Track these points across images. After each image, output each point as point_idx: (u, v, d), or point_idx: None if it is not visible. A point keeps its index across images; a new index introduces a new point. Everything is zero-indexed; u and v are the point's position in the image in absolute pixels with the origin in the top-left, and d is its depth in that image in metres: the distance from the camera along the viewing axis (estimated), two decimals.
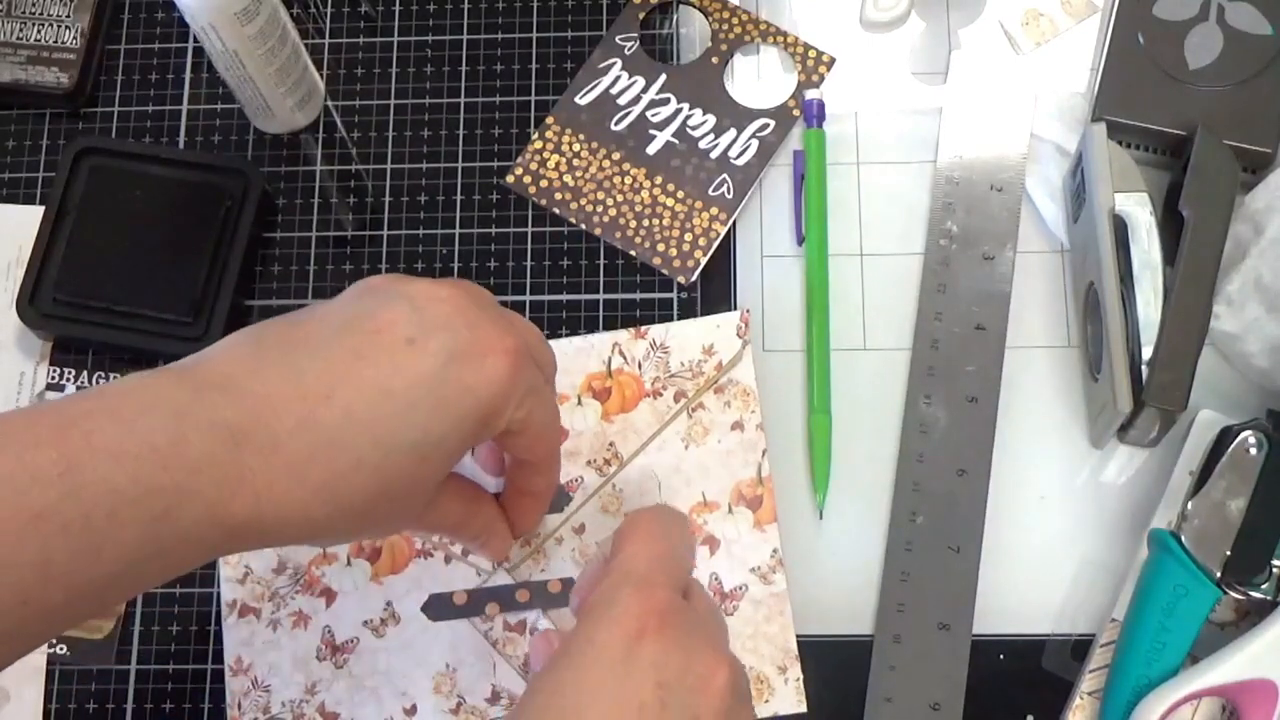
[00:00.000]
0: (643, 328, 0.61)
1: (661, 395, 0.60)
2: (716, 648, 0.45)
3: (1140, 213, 0.58)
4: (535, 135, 0.66)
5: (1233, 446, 0.54)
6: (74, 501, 0.40)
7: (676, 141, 0.65)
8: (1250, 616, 0.55)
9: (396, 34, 0.69)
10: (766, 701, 0.56)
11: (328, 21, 0.69)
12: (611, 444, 0.59)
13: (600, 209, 0.65)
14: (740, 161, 0.65)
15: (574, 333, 0.63)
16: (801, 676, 0.56)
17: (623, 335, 0.61)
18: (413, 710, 0.57)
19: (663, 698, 0.43)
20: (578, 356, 0.61)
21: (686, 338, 0.60)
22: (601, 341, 0.61)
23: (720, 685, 0.44)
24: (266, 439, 0.44)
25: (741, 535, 0.58)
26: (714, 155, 0.65)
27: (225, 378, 0.45)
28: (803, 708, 0.56)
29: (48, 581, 0.40)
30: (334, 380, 0.45)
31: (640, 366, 0.60)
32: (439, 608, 0.58)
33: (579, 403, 0.60)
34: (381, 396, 0.45)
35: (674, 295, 0.63)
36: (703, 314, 0.62)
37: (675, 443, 0.59)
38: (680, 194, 0.64)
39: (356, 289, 0.48)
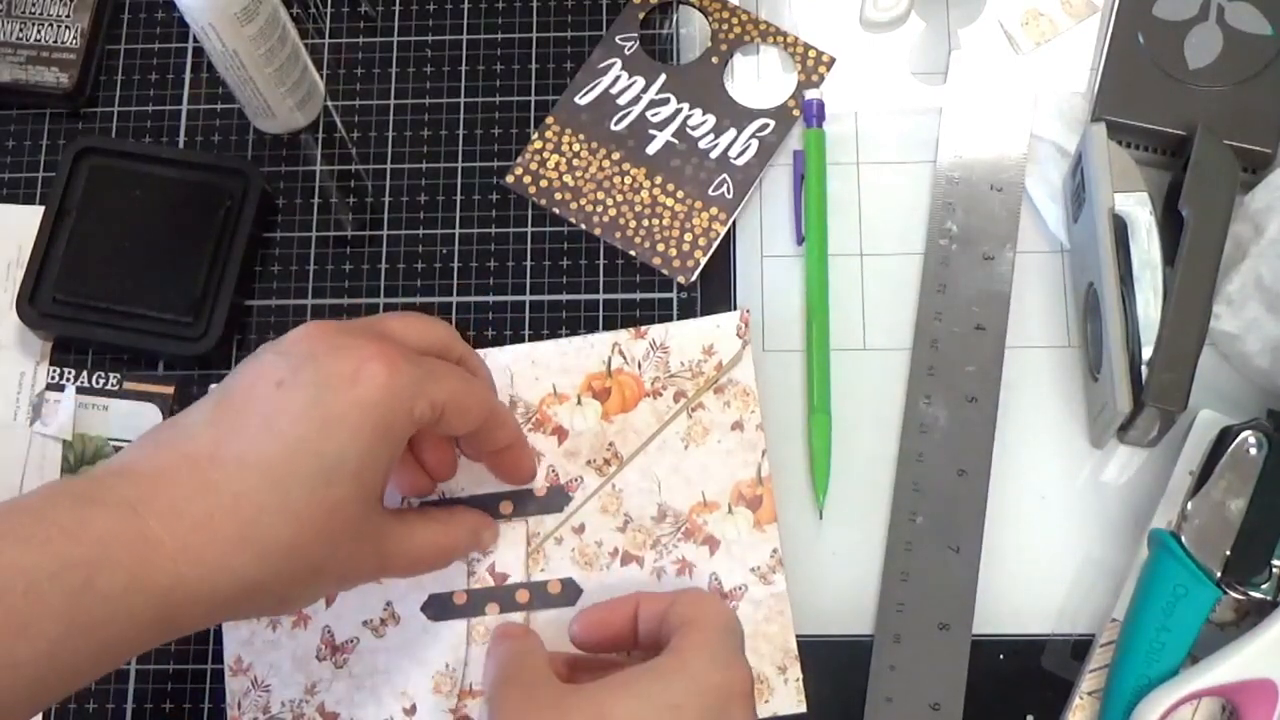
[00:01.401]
0: (643, 328, 0.61)
1: (661, 395, 0.60)
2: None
3: (1140, 213, 0.58)
4: (535, 135, 0.66)
5: (1233, 446, 0.54)
6: None
7: (676, 141, 0.65)
8: (1250, 616, 0.55)
9: (396, 34, 0.69)
10: (766, 702, 0.56)
11: (328, 21, 0.69)
12: (611, 444, 0.59)
13: (600, 209, 0.65)
14: (740, 161, 0.65)
15: (574, 333, 0.63)
16: (801, 677, 0.56)
17: (623, 335, 0.61)
18: (412, 710, 0.57)
19: None
20: (578, 356, 0.61)
21: (686, 338, 0.60)
22: (601, 341, 0.61)
23: None
24: (167, 506, 0.45)
25: (741, 535, 0.58)
26: (714, 155, 0.65)
27: (121, 465, 0.47)
28: (802, 708, 0.56)
29: None
30: (218, 441, 0.46)
31: (640, 366, 0.60)
32: (439, 608, 0.58)
33: (579, 403, 0.60)
34: (267, 440, 0.46)
35: (674, 295, 0.63)
36: (703, 314, 0.62)
37: (675, 443, 0.59)
38: (680, 194, 0.64)
39: (236, 368, 0.50)
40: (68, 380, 0.64)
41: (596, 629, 0.54)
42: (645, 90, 0.66)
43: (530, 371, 0.60)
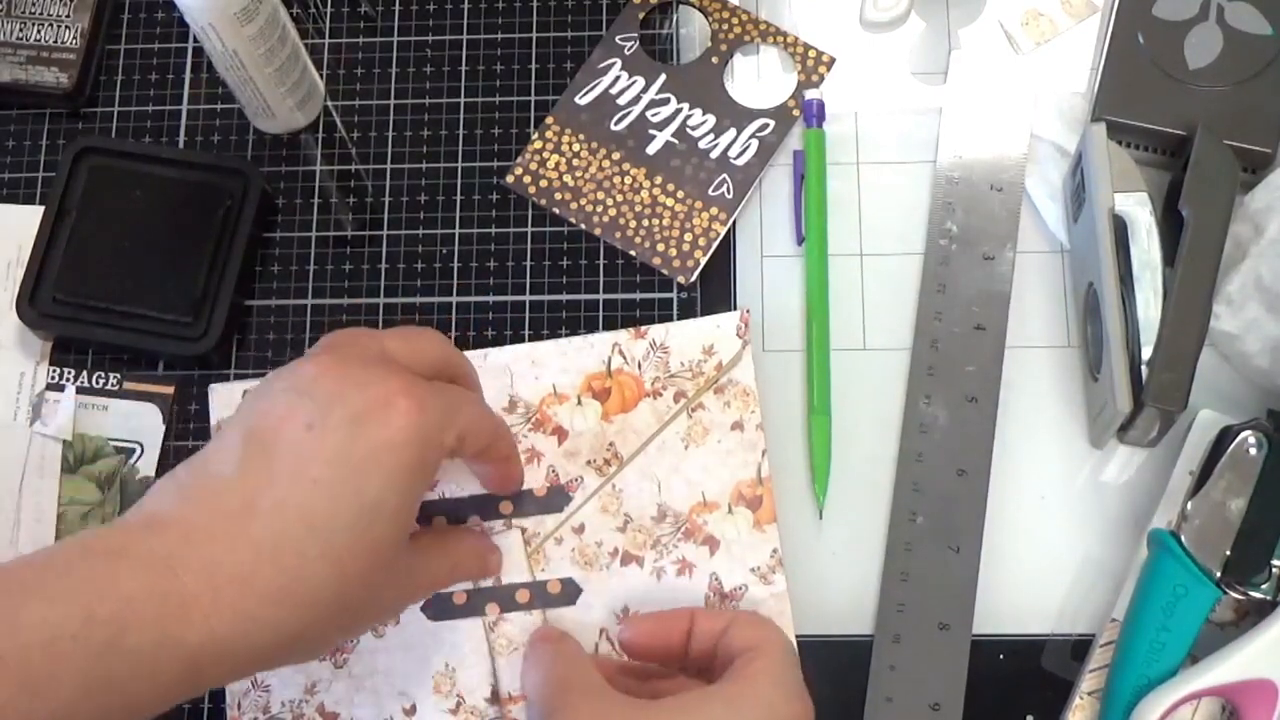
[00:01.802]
0: (642, 328, 0.61)
1: (661, 395, 0.60)
2: None
3: (1140, 213, 0.58)
4: (535, 135, 0.66)
5: (1233, 446, 0.54)
6: (9, 639, 0.40)
7: (676, 141, 0.65)
8: (1250, 616, 0.55)
9: (396, 34, 0.69)
10: None
11: (328, 21, 0.69)
12: (611, 444, 0.59)
13: (600, 209, 0.65)
14: (740, 161, 0.65)
15: (574, 333, 0.63)
16: (801, 676, 0.56)
17: (623, 335, 0.61)
18: (412, 710, 0.57)
19: None
20: (577, 356, 0.61)
21: (686, 338, 0.60)
22: (601, 341, 0.61)
23: None
24: (204, 561, 0.44)
25: (741, 535, 0.58)
26: (714, 155, 0.65)
27: (150, 517, 0.45)
28: None
29: None
30: (253, 490, 0.45)
31: (640, 366, 0.60)
32: (439, 608, 0.58)
33: (579, 403, 0.60)
34: (304, 486, 0.45)
35: (674, 295, 0.63)
36: (703, 314, 0.62)
37: (675, 443, 0.59)
38: (680, 194, 0.64)
39: (244, 405, 0.49)
40: (68, 380, 0.64)
41: (648, 638, 0.54)
42: (645, 90, 0.66)
43: (530, 371, 0.60)
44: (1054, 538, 0.59)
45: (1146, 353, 0.56)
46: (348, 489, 0.45)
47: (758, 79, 0.67)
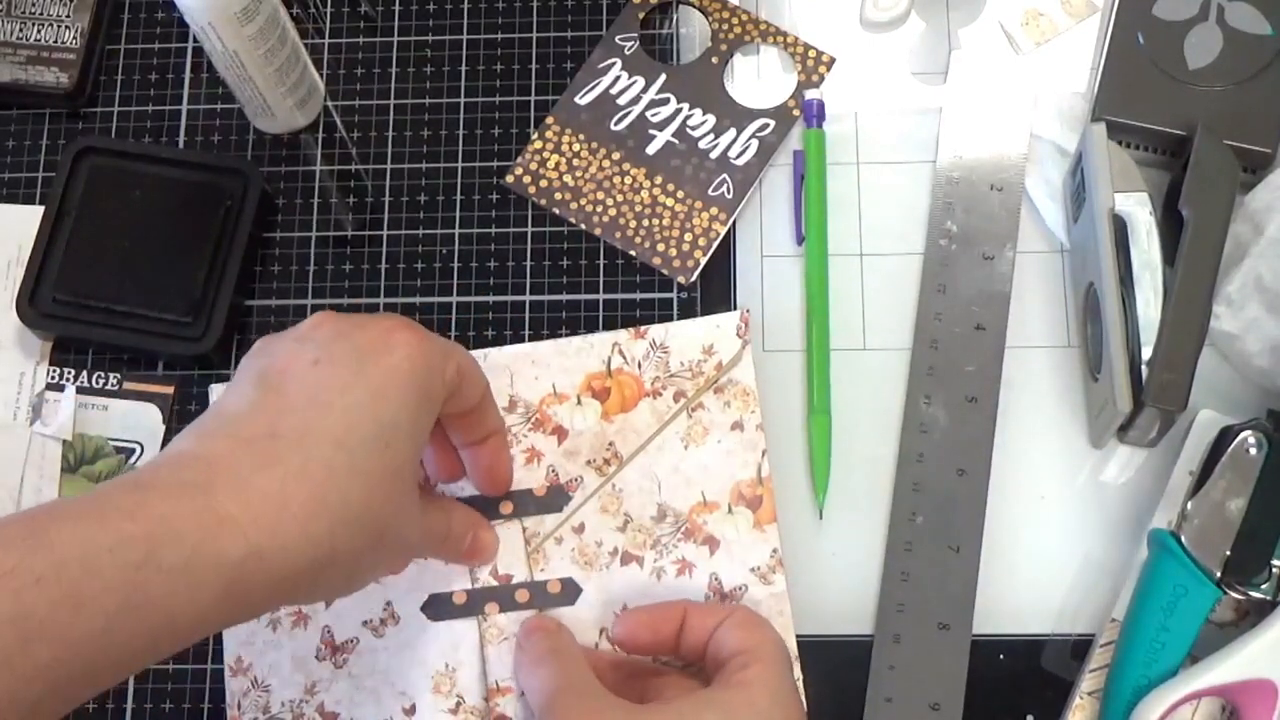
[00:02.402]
0: (642, 327, 0.61)
1: (661, 395, 0.60)
2: None
3: (1140, 213, 0.58)
4: (535, 135, 0.66)
5: (1233, 446, 0.54)
6: (44, 555, 0.40)
7: (676, 141, 0.65)
8: (1250, 616, 0.55)
9: (396, 34, 0.69)
10: None
11: (328, 21, 0.69)
12: (611, 444, 0.59)
13: (600, 209, 0.65)
14: (740, 161, 0.65)
15: (574, 333, 0.63)
16: (802, 676, 0.56)
17: (622, 335, 0.61)
18: (412, 710, 0.57)
19: None
20: (577, 356, 0.61)
21: (686, 337, 0.60)
22: (601, 341, 0.61)
23: None
24: (232, 481, 0.44)
25: (741, 535, 0.58)
26: (714, 155, 0.65)
27: (175, 455, 0.46)
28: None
29: (28, 639, 0.39)
30: (272, 420, 0.46)
31: (640, 366, 0.60)
32: (438, 608, 0.58)
33: (579, 402, 0.60)
34: (321, 411, 0.46)
35: (674, 295, 0.63)
36: (703, 314, 0.62)
37: (675, 443, 0.59)
38: (680, 194, 0.64)
39: (244, 363, 0.50)
40: (68, 380, 0.64)
41: (640, 631, 0.54)
42: (645, 90, 0.66)
43: (530, 371, 0.60)
44: (1054, 538, 0.59)
45: (1146, 353, 0.56)
46: (365, 411, 0.46)
47: (758, 79, 0.67)
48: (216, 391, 0.62)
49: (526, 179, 0.65)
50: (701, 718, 0.49)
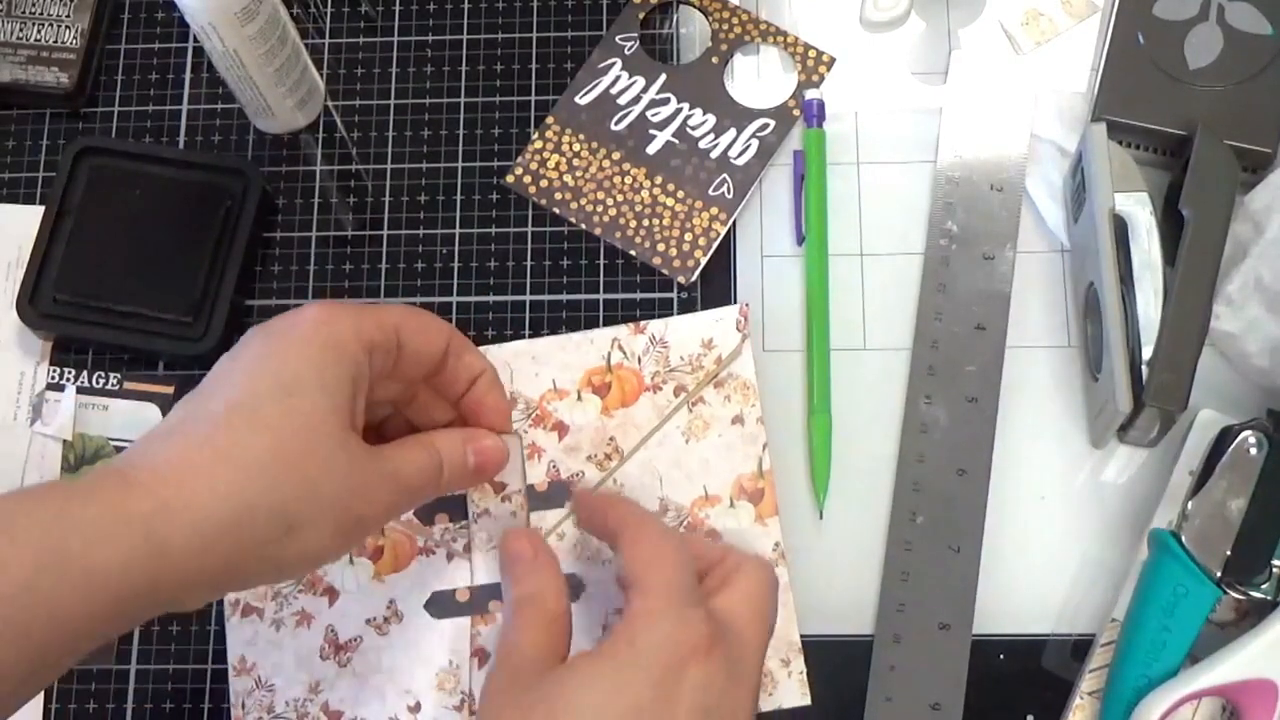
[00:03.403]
0: (642, 323, 0.61)
1: (661, 390, 0.60)
2: (752, 686, 0.49)
3: (1140, 213, 0.58)
4: (535, 135, 0.66)
5: (1233, 446, 0.54)
6: None
7: (676, 141, 0.65)
8: (1250, 616, 0.55)
9: (396, 34, 0.69)
10: (770, 694, 0.56)
11: (328, 21, 0.69)
12: (612, 439, 0.59)
13: (600, 209, 0.65)
14: (740, 161, 0.65)
15: (574, 332, 0.63)
16: (805, 669, 0.56)
17: (622, 330, 0.61)
18: (416, 708, 0.57)
19: None
20: (577, 352, 0.61)
21: (686, 332, 0.60)
22: (601, 337, 0.61)
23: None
24: (143, 458, 0.46)
25: (743, 529, 0.58)
26: (714, 155, 0.65)
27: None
28: (807, 700, 0.56)
29: None
30: (187, 411, 0.48)
31: (640, 361, 0.60)
32: (442, 605, 0.58)
33: (579, 398, 0.60)
34: (228, 381, 0.48)
35: (674, 295, 0.63)
36: None
37: (676, 437, 0.59)
38: (680, 194, 0.64)
39: None
40: (68, 380, 0.64)
41: (588, 519, 0.56)
42: (645, 90, 0.66)
43: (530, 367, 0.60)
44: (1054, 538, 0.59)
45: (1146, 353, 0.56)
46: (265, 369, 0.48)
47: (758, 79, 0.67)
48: None
49: (526, 179, 0.65)
50: (590, 676, 0.48)
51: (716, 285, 0.64)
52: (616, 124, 0.66)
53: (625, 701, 0.46)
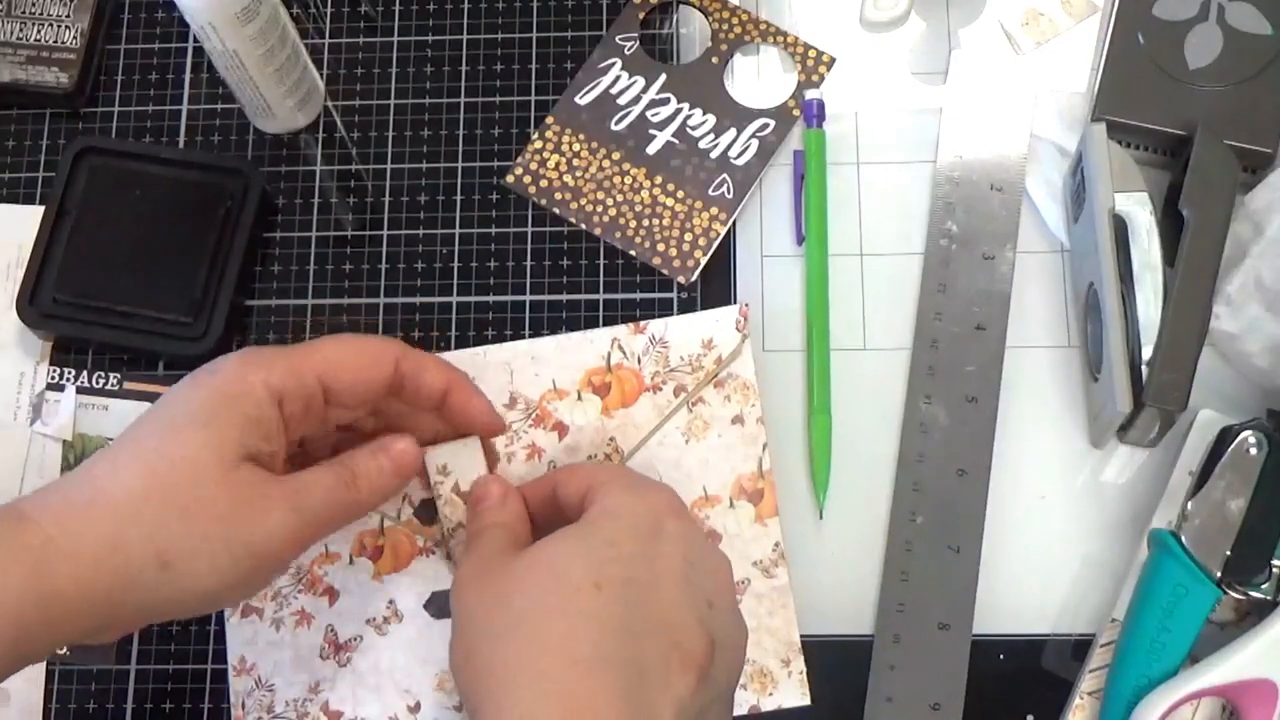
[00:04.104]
0: (641, 323, 0.61)
1: (661, 390, 0.60)
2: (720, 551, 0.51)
3: (1140, 213, 0.58)
4: (535, 135, 0.66)
5: (1233, 446, 0.54)
6: None
7: (676, 141, 0.65)
8: (1250, 616, 0.55)
9: (396, 34, 0.69)
10: (770, 694, 0.56)
11: (328, 21, 0.69)
12: (612, 439, 0.59)
13: (600, 209, 0.65)
14: (740, 161, 0.65)
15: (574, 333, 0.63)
16: (805, 669, 0.56)
17: (622, 330, 0.61)
18: (416, 708, 0.57)
19: (686, 572, 0.48)
20: (577, 352, 0.61)
21: (685, 332, 0.60)
22: (601, 337, 0.61)
23: (729, 577, 0.50)
24: (37, 497, 0.48)
25: (743, 529, 0.58)
26: (714, 155, 0.65)
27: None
28: (806, 700, 0.56)
29: None
30: (94, 458, 0.50)
31: (640, 361, 0.60)
32: (442, 605, 0.58)
33: (579, 398, 0.60)
34: (131, 428, 0.50)
35: (674, 295, 0.63)
36: None
37: (676, 437, 0.59)
38: (680, 194, 0.64)
39: None
40: (68, 380, 0.64)
41: (532, 509, 0.55)
42: (645, 90, 0.66)
43: (530, 368, 0.60)
44: (1054, 538, 0.59)
45: (1146, 353, 0.56)
46: (161, 412, 0.50)
47: (758, 79, 0.67)
48: None
49: (526, 179, 0.65)
50: (570, 537, 0.49)
51: (716, 285, 0.64)
52: (616, 124, 0.66)
53: (614, 553, 0.48)
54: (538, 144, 0.66)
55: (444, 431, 0.57)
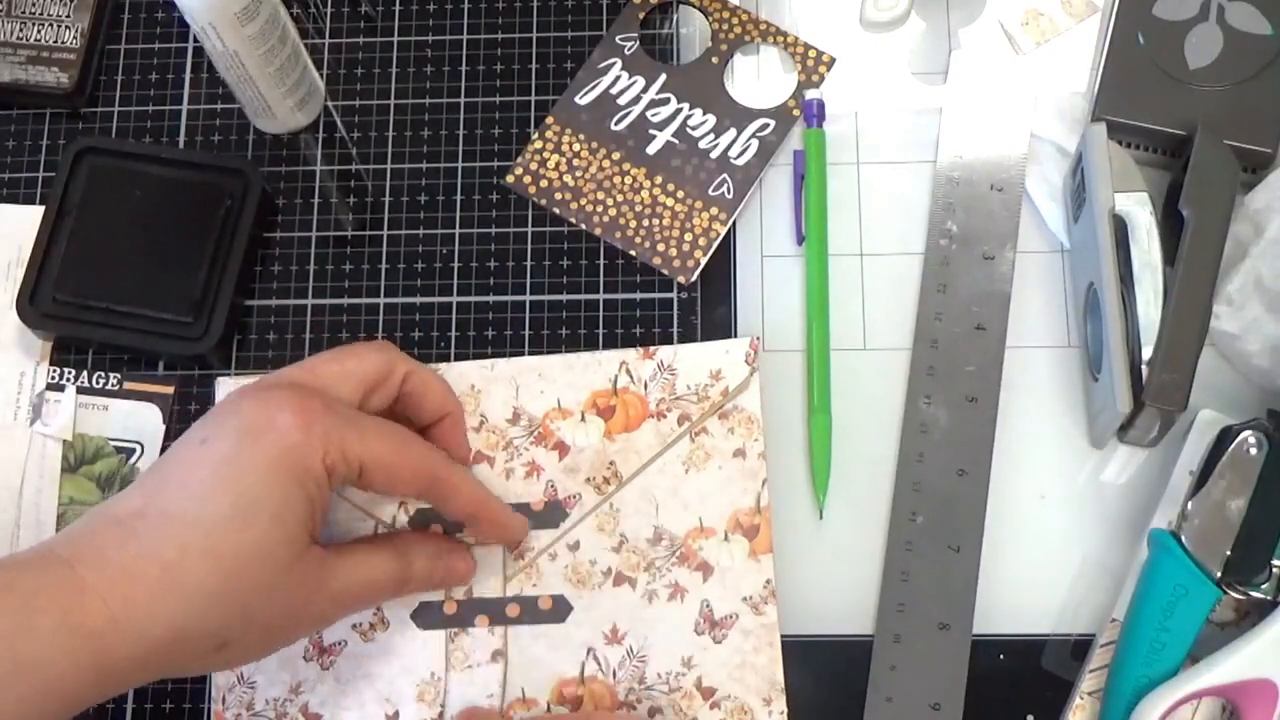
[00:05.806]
0: (651, 348, 0.60)
1: (665, 417, 0.59)
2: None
3: (1140, 213, 0.58)
4: (535, 135, 0.66)
5: (1233, 446, 0.54)
6: None
7: (676, 141, 0.65)
8: (1250, 616, 0.55)
9: (396, 34, 0.69)
10: None
11: (328, 21, 0.69)
12: (612, 463, 0.59)
13: (600, 209, 0.65)
14: (740, 161, 0.65)
15: (574, 333, 0.63)
16: (786, 710, 0.56)
17: (631, 354, 0.60)
18: (395, 716, 0.57)
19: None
20: (584, 372, 0.60)
21: (695, 361, 0.60)
22: (609, 359, 0.60)
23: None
24: (95, 555, 0.47)
25: (735, 563, 0.57)
26: (714, 155, 0.65)
27: (61, 534, 0.49)
28: None
29: None
30: (144, 499, 0.49)
31: (646, 387, 0.60)
32: (428, 616, 0.58)
33: (582, 419, 0.59)
34: (187, 490, 0.48)
35: (674, 295, 0.63)
36: (703, 314, 0.62)
37: (676, 465, 0.59)
38: (680, 194, 0.64)
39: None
40: (68, 380, 0.64)
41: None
42: (645, 90, 0.66)
43: (535, 385, 0.60)
44: (1054, 538, 0.59)
45: (1146, 353, 0.56)
46: (227, 489, 0.48)
47: (758, 79, 0.67)
48: (224, 385, 0.62)
49: (526, 179, 0.65)
50: None
51: (716, 285, 0.63)
52: (616, 124, 0.66)
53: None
54: (538, 144, 0.66)
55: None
